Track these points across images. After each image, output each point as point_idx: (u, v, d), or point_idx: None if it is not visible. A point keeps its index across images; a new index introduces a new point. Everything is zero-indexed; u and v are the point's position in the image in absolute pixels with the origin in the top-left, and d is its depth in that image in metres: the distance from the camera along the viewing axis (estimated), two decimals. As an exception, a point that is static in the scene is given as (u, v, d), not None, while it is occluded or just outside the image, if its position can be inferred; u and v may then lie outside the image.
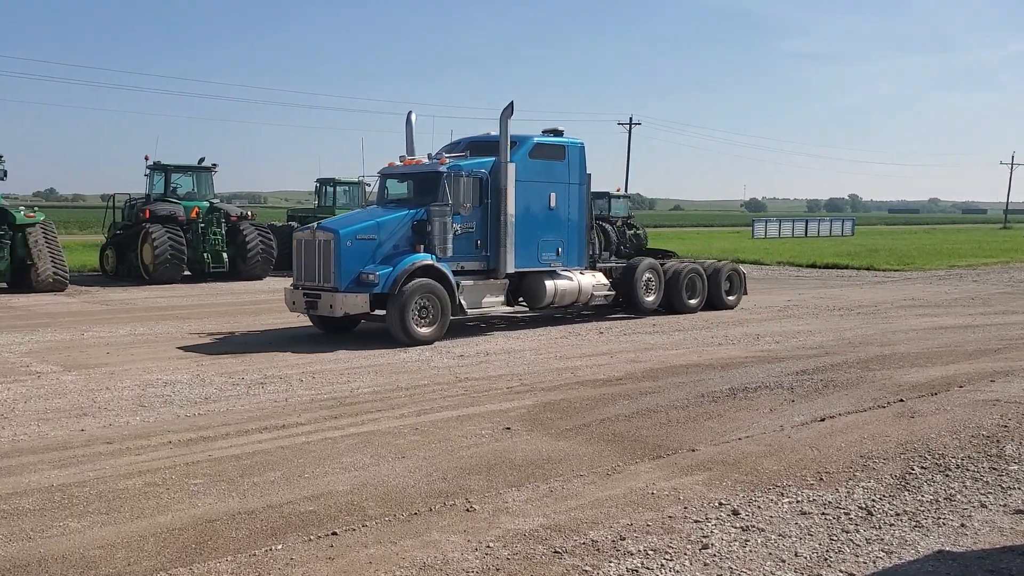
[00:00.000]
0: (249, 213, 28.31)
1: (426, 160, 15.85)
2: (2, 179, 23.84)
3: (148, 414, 9.46)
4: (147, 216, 25.80)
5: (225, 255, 26.52)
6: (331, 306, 14.06)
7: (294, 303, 14.78)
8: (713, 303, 19.09)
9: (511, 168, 15.26)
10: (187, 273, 26.56)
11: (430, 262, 14.41)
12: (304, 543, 5.89)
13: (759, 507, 6.65)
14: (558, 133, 16.68)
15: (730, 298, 19.57)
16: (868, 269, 33.42)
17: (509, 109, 15.22)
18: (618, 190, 41.40)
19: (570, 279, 16.56)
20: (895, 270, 33.12)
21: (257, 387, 10.86)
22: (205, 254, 26.46)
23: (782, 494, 6.96)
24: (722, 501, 6.77)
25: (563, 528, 6.18)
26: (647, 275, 18.13)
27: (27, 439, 8.41)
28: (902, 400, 10.33)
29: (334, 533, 6.06)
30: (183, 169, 27.98)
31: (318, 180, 33.02)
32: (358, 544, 5.88)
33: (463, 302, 14.89)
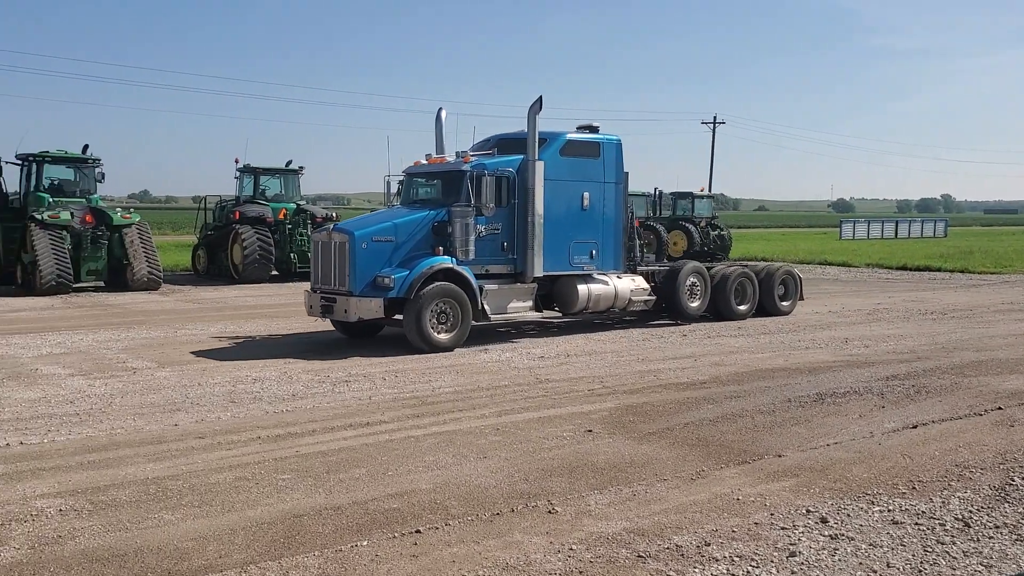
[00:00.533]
0: (334, 214, 28.82)
1: (450, 159, 15.18)
2: (100, 181, 24.80)
3: (238, 410, 9.70)
4: (236, 217, 26.54)
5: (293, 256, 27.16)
6: (345, 311, 13.52)
7: (311, 307, 14.25)
8: (765, 309, 18.11)
9: (539, 166, 14.54)
10: (275, 273, 27.23)
11: (450, 265, 13.78)
12: (388, 540, 5.96)
13: (848, 515, 6.48)
14: (593, 129, 15.82)
15: (783, 304, 18.53)
16: (962, 272, 32.29)
17: (537, 104, 14.46)
18: (701, 190, 40.90)
19: (605, 283, 15.76)
20: (991, 273, 31.92)
21: (342, 385, 11.05)
22: (292, 254, 27.09)
23: (873, 502, 6.77)
24: (810, 508, 6.62)
25: (646, 532, 6.12)
26: (691, 279, 17.09)
27: (124, 433, 8.72)
28: (1000, 408, 9.94)
29: (418, 531, 6.12)
30: (271, 172, 28.69)
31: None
32: (441, 543, 5.93)
33: (487, 307, 14.21)
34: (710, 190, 47.28)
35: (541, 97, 14.46)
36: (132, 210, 26.33)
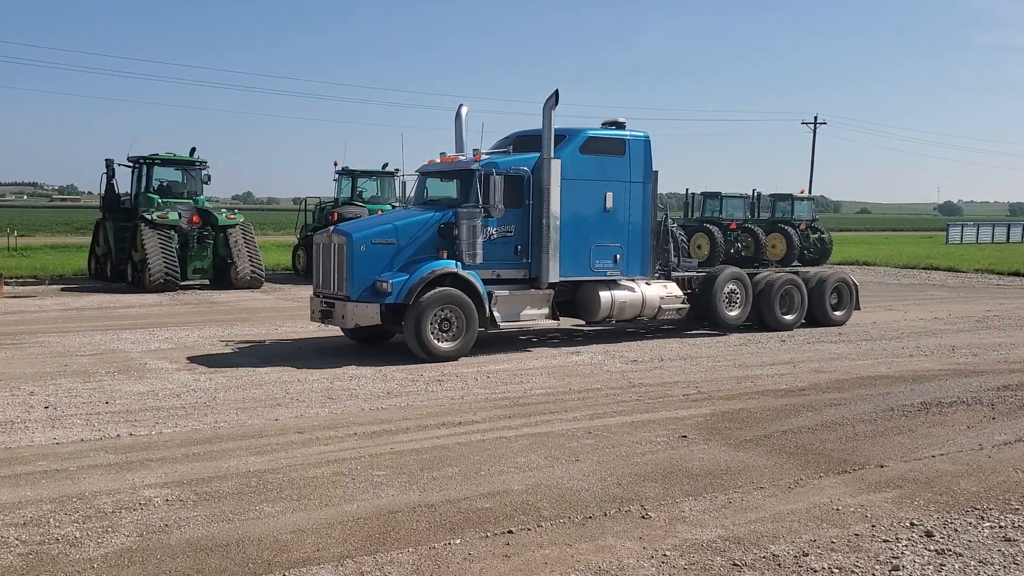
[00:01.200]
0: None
1: (462, 157, 14.39)
2: (206, 183, 25.69)
3: (335, 406, 9.91)
4: (335, 219, 27.08)
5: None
6: (343, 316, 12.98)
7: (312, 312, 13.76)
8: (816, 318, 16.89)
9: (555, 165, 13.63)
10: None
11: (453, 270, 13.01)
12: (481, 539, 6.00)
13: (956, 530, 6.22)
14: (620, 125, 14.81)
15: (836, 314, 17.23)
16: (1081, 278, 30.67)
17: (553, 99, 13.54)
18: (801, 192, 39.92)
19: (631, 290, 14.74)
20: (1113, 280, 30.24)
21: (435, 384, 11.17)
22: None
23: (982, 517, 6.49)
24: (914, 521, 6.38)
25: (742, 540, 6.00)
26: (730, 286, 15.99)
27: (227, 426, 9.00)
28: (1123, 422, 9.41)
29: (510, 531, 6.14)
30: (368, 174, 29.20)
31: None
32: (533, 544, 5.93)
33: (496, 314, 13.36)
34: (810, 192, 46.12)
35: (557, 91, 13.56)
36: (236, 211, 27.17)
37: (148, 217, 23.41)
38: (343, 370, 12.02)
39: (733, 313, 16.00)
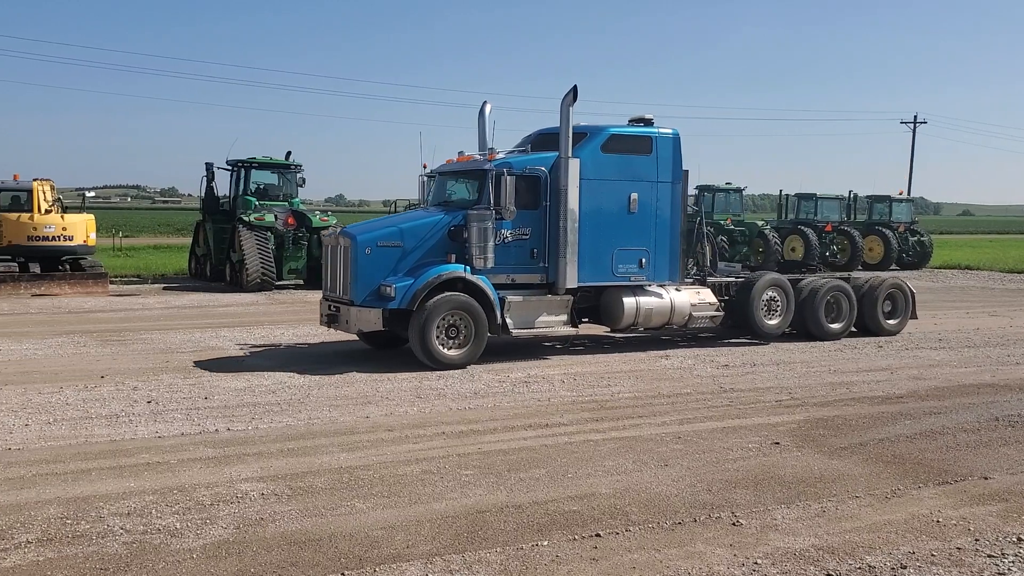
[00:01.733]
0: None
1: (478, 157, 13.70)
2: (301, 186, 26.33)
3: (424, 405, 10.03)
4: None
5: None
6: (347, 321, 12.59)
7: (321, 316, 13.43)
8: (867, 327, 15.88)
9: (573, 164, 12.90)
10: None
11: (461, 274, 12.43)
12: (568, 542, 5.98)
13: (1068, 548, 5.93)
14: (647, 122, 14.01)
15: (890, 322, 16.07)
16: None
17: (571, 95, 12.80)
18: (900, 193, 38.71)
19: (659, 296, 13.91)
20: None
21: (522, 386, 11.20)
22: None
23: (1097, 536, 6.17)
24: (1021, 536, 6.11)
25: (836, 550, 5.84)
26: (769, 293, 15.02)
27: (319, 423, 9.20)
28: None
29: (598, 535, 6.11)
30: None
31: (696, 187, 33.42)
32: (621, 548, 5.89)
33: (509, 321, 12.75)
34: (909, 193, 44.70)
35: (576, 87, 12.84)
36: (329, 213, 27.74)
37: (245, 219, 24.09)
38: (431, 370, 12.15)
39: (772, 322, 15.06)
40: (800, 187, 36.68)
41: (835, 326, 15.52)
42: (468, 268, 12.49)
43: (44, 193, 23.89)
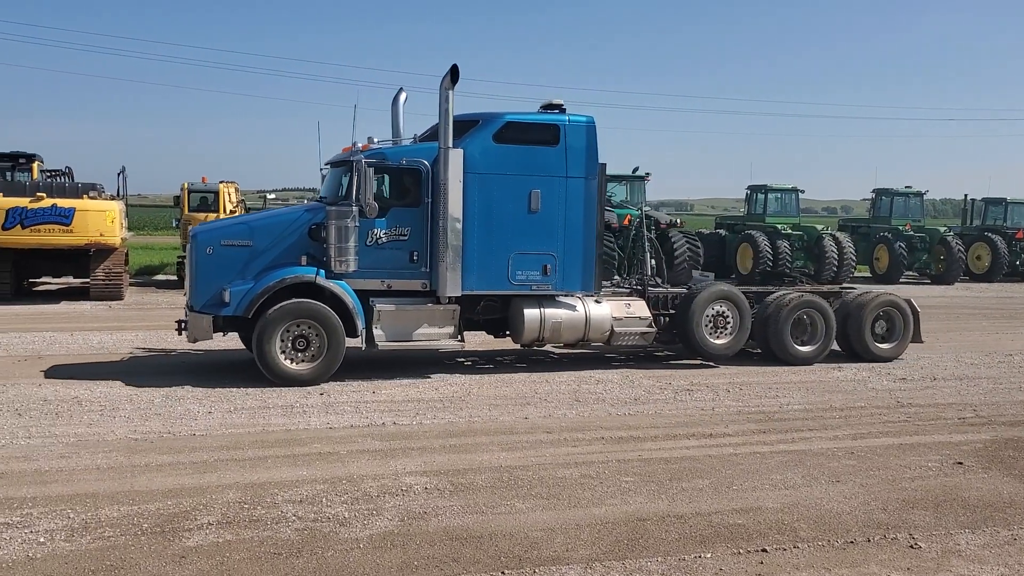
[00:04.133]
0: (678, 221, 28.82)
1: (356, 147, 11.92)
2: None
3: (582, 409, 9.98)
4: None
5: (652, 261, 27.34)
6: (186, 329, 11.36)
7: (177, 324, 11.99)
8: (854, 350, 13.62)
9: (455, 156, 11.22)
10: (616, 279, 27.83)
11: (309, 278, 11.04)
12: (732, 555, 5.79)
13: None
14: (559, 109, 12.15)
15: (883, 346, 13.66)
16: None
17: (450, 75, 11.16)
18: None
19: (571, 308, 12.09)
20: None
21: (684, 394, 10.96)
22: (635, 260, 27.52)
23: None
24: None
25: (1031, 585, 5.39)
26: (716, 307, 12.93)
27: (480, 421, 9.31)
28: None
29: (764, 550, 5.88)
30: (618, 178, 29.29)
31: (749, 187, 32.70)
32: (789, 565, 5.65)
33: (379, 332, 11.29)
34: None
35: (456, 66, 11.20)
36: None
37: None
38: (589, 374, 12.09)
39: (719, 341, 12.94)
40: (988, 191, 34.24)
41: (805, 349, 13.20)
42: (323, 272, 11.11)
43: (229, 195, 25.39)
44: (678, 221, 28.71)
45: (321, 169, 12.80)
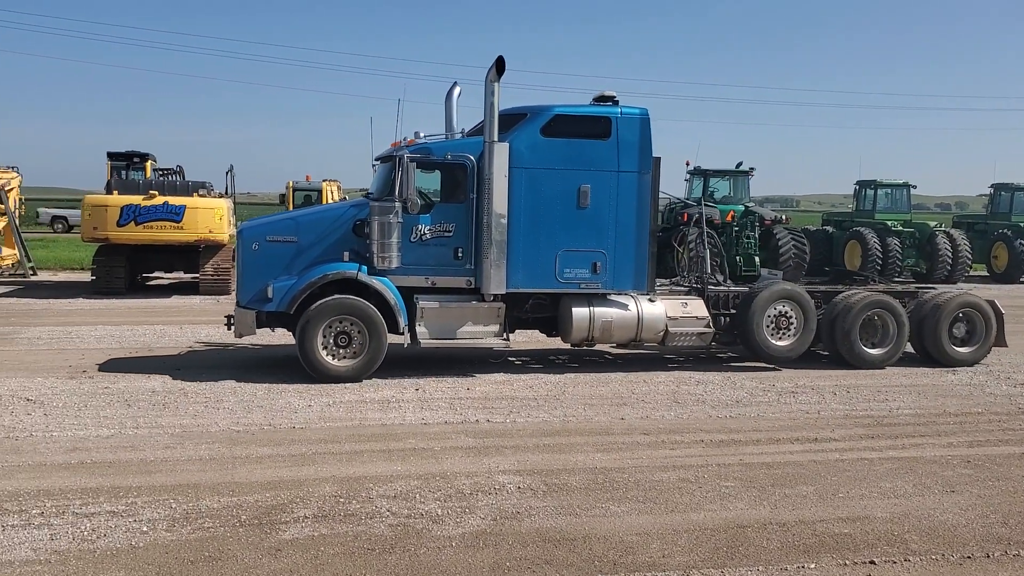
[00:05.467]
0: (783, 217, 28.05)
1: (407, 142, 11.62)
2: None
3: (681, 410, 9.74)
4: (684, 219, 26.94)
5: (757, 259, 26.60)
6: (233, 325, 11.39)
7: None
8: (928, 354, 12.77)
9: (500, 150, 10.94)
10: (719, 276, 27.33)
11: (351, 274, 10.95)
12: (838, 566, 5.53)
13: None
14: (612, 101, 11.72)
15: (961, 349, 12.77)
16: None
17: (495, 67, 10.86)
18: None
19: (623, 307, 11.71)
20: None
21: (788, 396, 10.60)
22: (738, 257, 26.84)
23: None
24: None
25: None
26: (778, 307, 12.29)
27: (575, 421, 9.18)
28: None
29: (872, 562, 5.60)
30: (721, 173, 28.70)
31: (857, 182, 31.59)
32: (900, 580, 5.35)
33: (422, 329, 11.11)
34: None
35: (502, 58, 10.84)
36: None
37: None
38: (689, 374, 11.81)
39: (781, 343, 12.27)
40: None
41: (875, 351, 12.44)
42: (365, 268, 11.00)
43: (332, 193, 25.92)
44: (783, 217, 27.95)
45: (372, 165, 12.66)
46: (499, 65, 10.86)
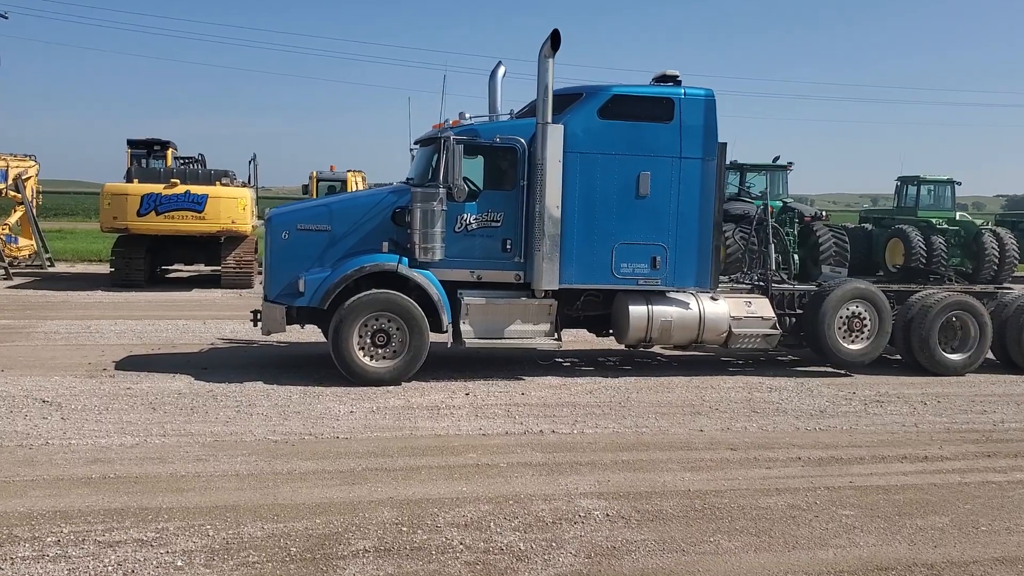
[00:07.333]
0: (823, 213, 27.03)
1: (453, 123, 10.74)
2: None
3: (763, 421, 8.78)
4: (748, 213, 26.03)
5: (795, 256, 25.58)
6: (259, 321, 10.50)
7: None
8: (1012, 361, 11.79)
9: (554, 132, 10.01)
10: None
11: (392, 266, 10.03)
12: (1015, 626, 4.57)
13: None
14: (675, 81, 10.80)
15: None
16: None
17: (550, 42, 9.93)
18: None
19: (684, 305, 10.77)
20: None
21: (874, 405, 9.63)
22: (776, 254, 25.87)
23: None
24: None
25: None
26: (851, 307, 11.28)
27: (649, 432, 8.24)
28: None
29: (1053, 619, 4.63)
30: (758, 168, 27.69)
31: (899, 178, 30.52)
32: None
33: (467, 328, 10.23)
34: None
35: (557, 31, 9.91)
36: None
37: None
38: (759, 380, 10.85)
39: (855, 347, 11.28)
40: None
41: (955, 356, 11.49)
42: (406, 260, 10.09)
43: (357, 183, 25.05)
44: (823, 213, 26.94)
45: (411, 149, 11.75)
46: (554, 39, 9.92)
